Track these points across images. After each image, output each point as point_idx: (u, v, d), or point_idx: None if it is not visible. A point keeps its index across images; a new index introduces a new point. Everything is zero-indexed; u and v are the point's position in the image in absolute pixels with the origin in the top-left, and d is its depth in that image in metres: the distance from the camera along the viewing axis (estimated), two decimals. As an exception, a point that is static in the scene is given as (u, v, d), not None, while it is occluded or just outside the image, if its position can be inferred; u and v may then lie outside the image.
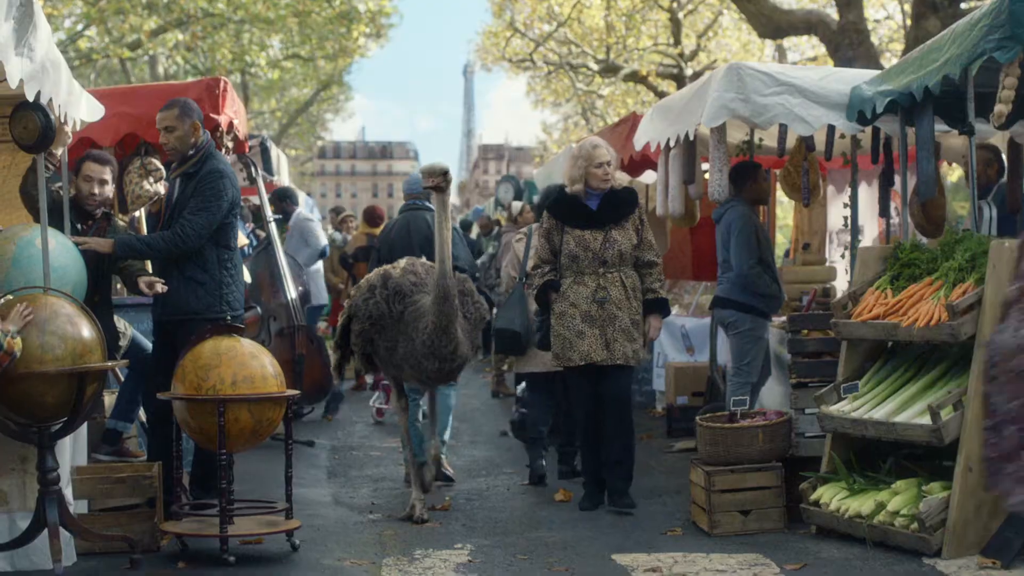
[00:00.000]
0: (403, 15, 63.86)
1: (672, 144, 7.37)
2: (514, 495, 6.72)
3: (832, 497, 5.29)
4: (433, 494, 6.30)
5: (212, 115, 6.68)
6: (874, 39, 25.43)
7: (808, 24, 19.51)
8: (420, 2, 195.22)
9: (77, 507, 5.21)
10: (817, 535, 5.38)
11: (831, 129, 6.83)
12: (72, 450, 5.26)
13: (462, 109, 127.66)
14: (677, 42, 26.69)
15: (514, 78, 36.41)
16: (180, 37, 26.32)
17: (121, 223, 5.99)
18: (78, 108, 5.53)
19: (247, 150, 8.40)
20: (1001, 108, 5.06)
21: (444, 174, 5.65)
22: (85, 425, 5.39)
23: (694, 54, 28.15)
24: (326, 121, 46.84)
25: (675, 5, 26.21)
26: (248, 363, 4.95)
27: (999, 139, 7.50)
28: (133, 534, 5.07)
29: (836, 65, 16.66)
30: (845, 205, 7.84)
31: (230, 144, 7.11)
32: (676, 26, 26.59)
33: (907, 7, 20.45)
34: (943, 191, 6.75)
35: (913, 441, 5.08)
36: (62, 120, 5.21)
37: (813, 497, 5.40)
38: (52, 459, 4.74)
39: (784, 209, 18.58)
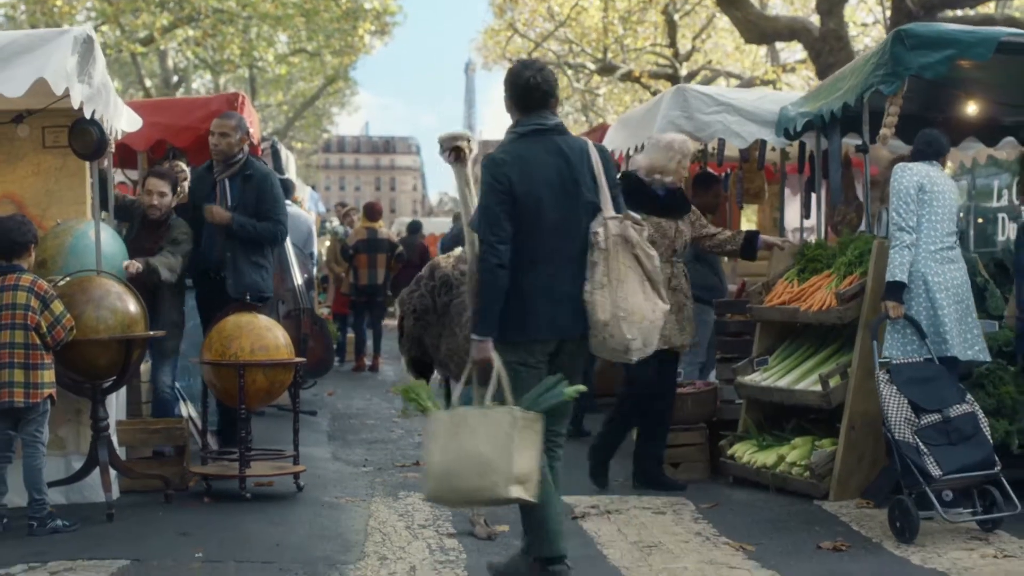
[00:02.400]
0: (407, 14, 64.24)
1: (631, 153, 8.44)
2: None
3: (744, 452, 6.39)
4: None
5: (231, 124, 7.76)
6: (860, 44, 26.38)
7: (792, 31, 19.90)
8: (423, 1, 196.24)
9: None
10: (733, 483, 6.48)
11: (763, 143, 7.90)
12: (115, 406, 6.36)
13: (463, 105, 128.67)
14: (673, 43, 27.43)
15: (514, 76, 36.90)
16: (191, 33, 27.21)
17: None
18: (120, 120, 6.62)
19: (260, 152, 9.48)
20: (885, 131, 6.14)
21: (455, 141, 4.63)
22: (125, 387, 6.50)
23: (689, 55, 28.89)
24: (332, 115, 47.69)
25: (671, 7, 27.02)
26: (264, 335, 6.05)
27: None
28: (167, 475, 6.18)
29: (818, 70, 17.61)
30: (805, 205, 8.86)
31: (246, 148, 8.19)
32: (672, 27, 27.36)
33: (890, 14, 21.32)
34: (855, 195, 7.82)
35: (808, 405, 6.17)
36: (109, 132, 6.31)
37: (730, 452, 6.50)
38: (103, 410, 5.85)
39: (753, 210, 19.59)
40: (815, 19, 19.10)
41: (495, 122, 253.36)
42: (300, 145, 46.62)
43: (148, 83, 31.92)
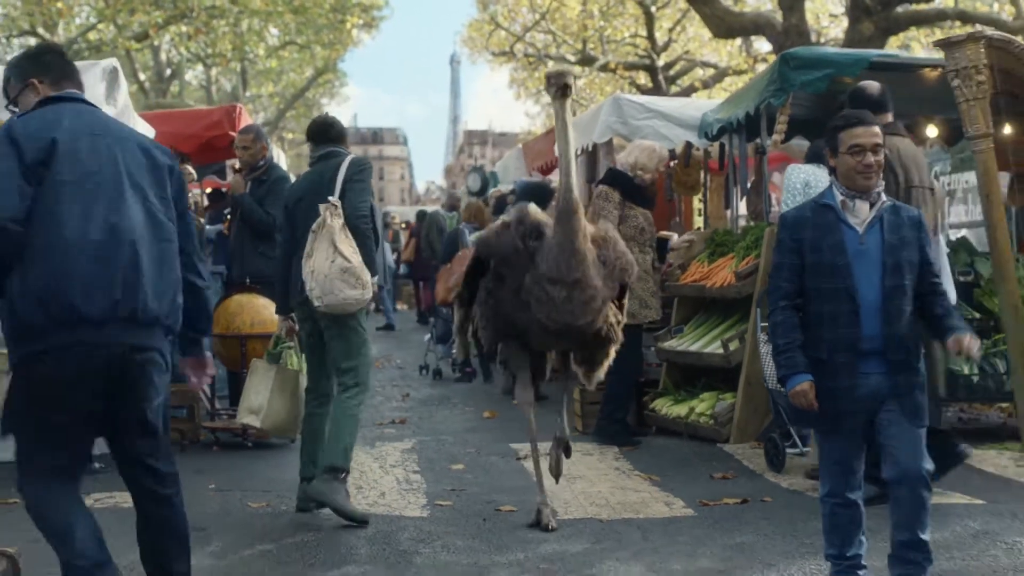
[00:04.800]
0: (394, 8, 65.16)
1: (579, 152, 9.68)
2: (455, 416, 9.06)
3: (663, 405, 7.66)
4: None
5: (231, 132, 8.99)
6: (824, 39, 27.45)
7: (756, 25, 20.63)
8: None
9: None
10: (656, 433, 7.74)
11: (689, 144, 9.15)
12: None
13: (449, 97, 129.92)
14: (650, 34, 28.37)
15: (497, 69, 38.06)
16: (184, 29, 28.19)
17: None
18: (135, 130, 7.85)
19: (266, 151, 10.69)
20: (776, 137, 7.39)
21: (564, 78, 4.92)
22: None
23: (666, 45, 29.81)
24: (322, 106, 48.57)
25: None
26: (261, 311, 7.28)
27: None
28: (182, 429, 7.43)
29: None
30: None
31: (268, 154, 9.40)
32: (650, 19, 28.30)
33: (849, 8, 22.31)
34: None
35: (714, 365, 7.43)
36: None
37: (652, 406, 7.76)
38: (130, 375, 7.08)
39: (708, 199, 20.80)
40: (779, 14, 19.98)
41: (479, 113, 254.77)
42: (291, 135, 47.50)
43: (142, 76, 32.92)
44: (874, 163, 3.92)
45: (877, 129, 3.98)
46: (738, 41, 30.09)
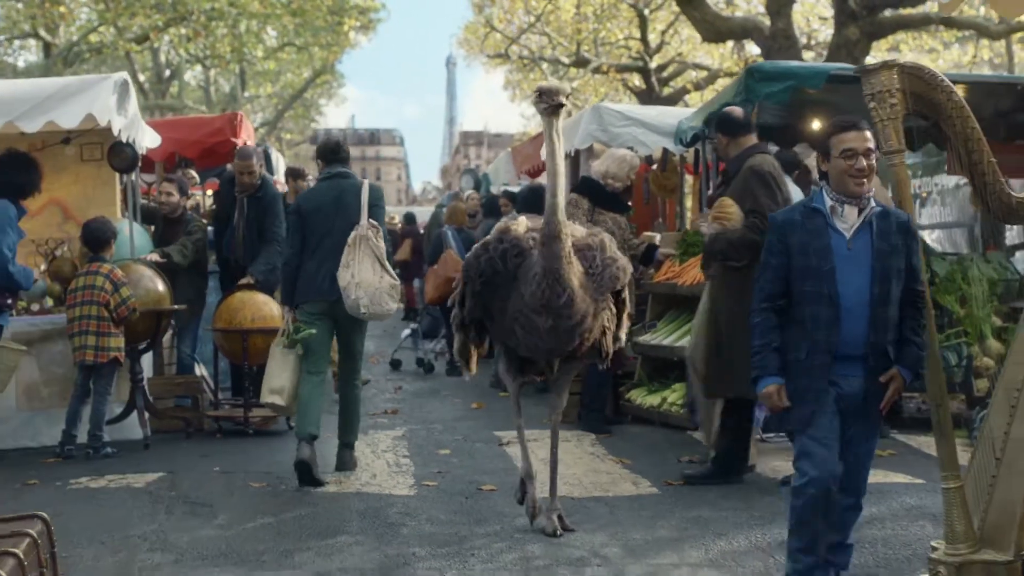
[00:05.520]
0: (390, 11, 65.62)
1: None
2: (445, 407, 9.57)
3: (638, 396, 8.18)
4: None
5: (232, 138, 9.52)
6: (814, 42, 27.85)
7: (744, 30, 20.86)
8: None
9: (150, 401, 8.07)
10: (631, 421, 8.25)
11: (665, 150, 9.67)
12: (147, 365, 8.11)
13: (445, 98, 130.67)
14: (644, 37, 28.78)
15: (492, 71, 38.42)
16: (183, 31, 28.63)
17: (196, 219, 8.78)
18: (144, 139, 8.36)
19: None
20: (743, 145, 7.89)
21: (558, 96, 4.91)
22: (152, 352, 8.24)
23: (659, 48, 30.21)
24: (320, 106, 49.01)
25: (641, 2, 28.37)
26: (261, 307, 7.79)
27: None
28: (187, 417, 7.94)
29: None
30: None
31: (263, 172, 9.92)
32: (643, 22, 28.71)
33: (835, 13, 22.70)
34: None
35: (684, 358, 7.93)
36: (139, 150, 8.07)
37: (627, 396, 8.28)
38: (139, 366, 7.59)
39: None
40: (767, 19, 20.36)
41: (475, 114, 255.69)
42: (289, 136, 47.97)
43: (141, 77, 33.39)
44: (866, 167, 3.96)
45: (869, 134, 4.03)
46: (730, 44, 30.56)
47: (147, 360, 7.89)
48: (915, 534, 5.15)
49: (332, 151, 6.91)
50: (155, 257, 8.07)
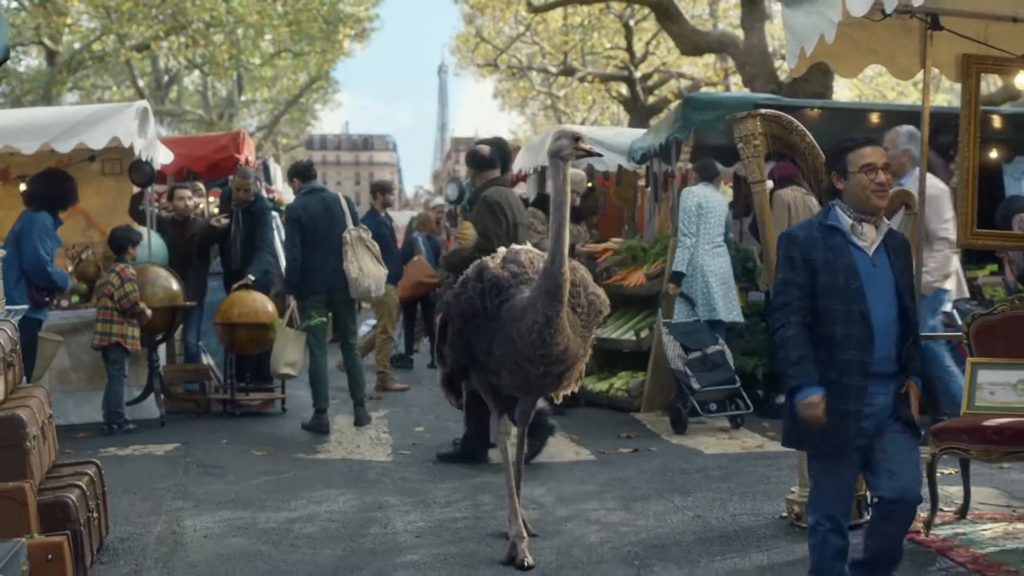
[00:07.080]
0: (384, 20, 66.35)
1: (530, 173, 11.40)
2: (423, 393, 10.76)
3: (589, 383, 9.37)
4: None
5: (235, 154, 10.72)
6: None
7: (721, 44, 21.68)
8: (399, 7, 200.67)
9: (164, 386, 9.26)
10: (585, 405, 9.44)
11: (620, 167, 10.87)
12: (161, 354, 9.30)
13: (437, 105, 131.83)
14: (629, 47, 29.79)
15: (482, 80, 39.38)
16: (182, 39, 29.58)
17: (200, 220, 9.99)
18: (158, 156, 9.54)
19: (255, 168, 12.42)
20: (680, 164, 9.11)
21: (582, 143, 4.94)
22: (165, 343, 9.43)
23: (644, 58, 31.20)
24: (315, 111, 49.93)
25: (627, 12, 29.33)
26: (249, 304, 8.90)
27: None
28: (197, 400, 9.13)
29: (744, 79, 19.89)
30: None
31: (259, 187, 11.11)
32: (628, 32, 29.71)
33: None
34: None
35: (628, 349, 9.14)
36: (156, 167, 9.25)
37: (582, 383, 9.45)
38: (155, 355, 8.78)
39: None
40: (742, 34, 21.27)
41: (466, 121, 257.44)
42: (285, 140, 48.90)
43: (141, 83, 34.42)
44: (886, 181, 3.93)
45: (883, 149, 4.06)
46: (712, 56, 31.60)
47: (161, 350, 9.07)
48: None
49: (307, 169, 8.81)
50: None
